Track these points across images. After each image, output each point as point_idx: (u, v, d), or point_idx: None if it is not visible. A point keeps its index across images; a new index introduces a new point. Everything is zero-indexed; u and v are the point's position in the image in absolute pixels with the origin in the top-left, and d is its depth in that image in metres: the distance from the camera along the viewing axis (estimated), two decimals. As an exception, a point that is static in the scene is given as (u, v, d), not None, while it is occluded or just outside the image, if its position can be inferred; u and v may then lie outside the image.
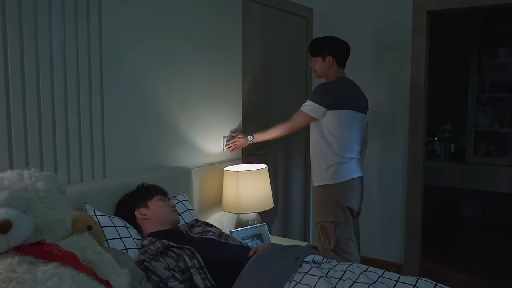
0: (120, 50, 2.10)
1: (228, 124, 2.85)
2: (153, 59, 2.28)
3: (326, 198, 2.62)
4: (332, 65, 2.69)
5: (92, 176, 2.01)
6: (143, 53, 2.22)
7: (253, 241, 2.45)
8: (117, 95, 2.10)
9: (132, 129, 2.19)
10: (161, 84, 2.33)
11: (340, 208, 2.58)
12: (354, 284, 1.45)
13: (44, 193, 1.33)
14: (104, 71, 2.01)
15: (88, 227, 1.57)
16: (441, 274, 3.50)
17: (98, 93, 2.00)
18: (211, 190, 2.71)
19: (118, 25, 2.08)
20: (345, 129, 2.59)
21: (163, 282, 1.56)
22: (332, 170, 2.59)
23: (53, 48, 1.80)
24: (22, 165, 1.73)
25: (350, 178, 2.60)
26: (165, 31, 2.34)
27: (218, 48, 2.72)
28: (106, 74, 2.03)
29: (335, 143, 2.59)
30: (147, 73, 2.25)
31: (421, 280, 1.48)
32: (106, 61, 2.03)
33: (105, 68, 2.02)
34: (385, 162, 3.54)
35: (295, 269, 1.57)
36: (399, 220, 3.51)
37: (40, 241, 1.26)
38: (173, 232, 1.89)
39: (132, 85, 2.18)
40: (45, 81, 1.78)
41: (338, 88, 2.61)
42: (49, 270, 1.15)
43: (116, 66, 2.08)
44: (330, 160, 2.60)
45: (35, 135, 1.77)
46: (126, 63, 2.14)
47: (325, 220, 2.62)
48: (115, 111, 2.09)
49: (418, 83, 3.35)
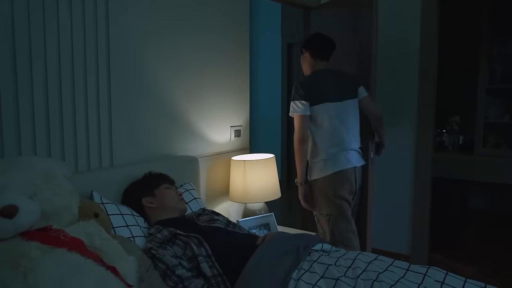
0: (128, 39, 2.08)
1: (236, 114, 2.83)
2: (161, 49, 2.26)
3: (316, 193, 2.62)
4: (307, 59, 2.70)
5: (99, 164, 2.00)
6: (151, 43, 2.20)
7: (261, 231, 2.44)
8: (125, 85, 2.08)
9: (139, 118, 2.17)
10: (169, 73, 2.31)
11: (331, 201, 2.55)
12: (364, 273, 1.43)
13: (51, 179, 1.32)
14: (111, 60, 2.00)
15: (95, 214, 1.56)
16: (449, 266, 3.47)
17: (105, 83, 1.99)
18: (218, 180, 2.70)
19: (125, 15, 2.06)
20: (323, 123, 2.55)
21: (170, 270, 1.54)
22: (319, 165, 2.58)
23: (60, 34, 1.78)
24: (29, 153, 1.72)
25: (338, 170, 2.53)
26: (172, 22, 2.31)
27: (225, 38, 2.70)
28: (113, 64, 2.01)
29: (317, 138, 2.58)
30: (154, 62, 2.23)
31: (432, 269, 1.46)
32: (114, 51, 2.01)
33: (112, 57, 2.00)
34: (393, 154, 3.50)
35: (303, 258, 1.55)
36: (407, 212, 3.49)
37: (46, 226, 1.25)
38: (180, 221, 1.88)
39: (139, 75, 2.16)
40: (52, 70, 1.77)
41: (304, 84, 2.56)
42: (59, 257, 1.14)
43: (124, 56, 2.07)
44: (316, 156, 2.60)
45: (42, 124, 1.76)
46: (134, 52, 2.12)
47: (319, 213, 2.63)
48: (122, 100, 2.07)
49: (428, 73, 3.30)
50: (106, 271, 1.23)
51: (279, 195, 2.64)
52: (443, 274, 1.43)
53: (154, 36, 2.22)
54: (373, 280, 1.36)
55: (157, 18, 2.22)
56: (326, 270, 1.45)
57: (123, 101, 2.08)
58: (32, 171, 1.30)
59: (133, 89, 2.13)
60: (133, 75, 2.13)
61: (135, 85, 2.14)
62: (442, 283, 1.38)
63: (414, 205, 3.44)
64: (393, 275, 1.41)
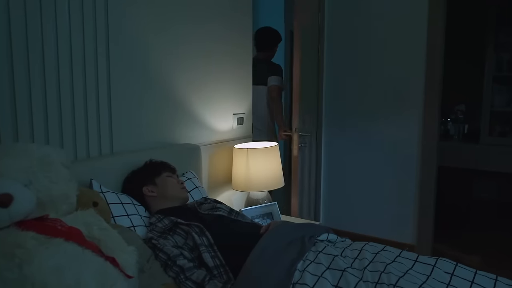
0: (129, 25, 2.02)
1: (238, 101, 2.77)
2: (164, 37, 2.20)
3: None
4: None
5: (99, 152, 1.95)
6: (153, 31, 2.15)
7: (264, 220, 2.40)
8: (125, 71, 2.03)
9: (140, 105, 2.12)
10: (172, 60, 2.26)
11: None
12: (371, 264, 1.39)
13: (48, 167, 1.28)
14: (110, 44, 1.94)
15: (93, 203, 1.53)
16: (454, 256, 3.44)
17: (105, 69, 1.94)
18: (221, 168, 2.66)
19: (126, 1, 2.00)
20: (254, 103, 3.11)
21: (171, 260, 1.50)
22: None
23: (57, 18, 1.72)
24: (27, 140, 1.67)
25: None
26: (174, 8, 2.25)
27: (228, 25, 2.64)
28: (112, 50, 1.95)
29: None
30: (156, 48, 2.17)
31: (441, 260, 1.42)
32: (113, 35, 1.95)
33: (112, 41, 1.95)
34: (398, 143, 3.46)
35: (308, 248, 1.51)
36: (412, 201, 3.44)
37: (43, 216, 1.21)
38: (181, 209, 1.84)
39: (140, 61, 2.10)
40: (50, 54, 1.71)
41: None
42: (56, 247, 1.10)
43: (124, 41, 2.01)
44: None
45: (40, 110, 1.71)
46: (135, 38, 2.06)
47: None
48: (122, 86, 2.02)
49: (434, 60, 3.23)
50: (105, 262, 1.18)
51: (282, 184, 2.60)
52: (452, 266, 1.39)
53: (157, 24, 2.16)
54: (381, 272, 1.32)
55: (160, 5, 2.16)
56: (332, 261, 1.41)
57: (123, 88, 2.03)
58: (28, 158, 1.25)
59: (133, 76, 2.08)
60: (134, 61, 2.07)
61: (136, 71, 2.09)
62: (452, 274, 1.34)
63: (419, 195, 3.39)
64: (401, 266, 1.37)
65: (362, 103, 3.59)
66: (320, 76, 3.72)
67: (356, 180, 3.69)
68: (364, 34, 3.52)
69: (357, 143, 3.65)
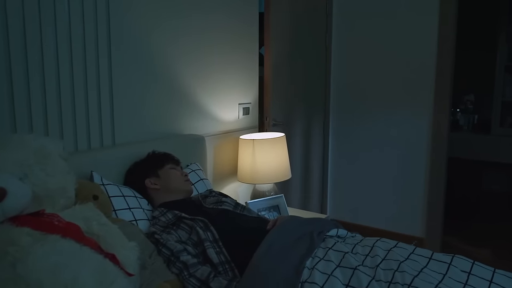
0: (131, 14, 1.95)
1: (244, 91, 2.70)
2: (166, 25, 2.13)
3: None
4: None
5: (100, 143, 1.89)
6: (157, 20, 2.08)
7: (270, 213, 2.33)
8: (127, 58, 1.96)
9: (143, 95, 2.06)
10: (175, 49, 2.19)
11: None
12: (384, 262, 1.32)
13: (44, 159, 1.22)
14: (112, 32, 1.87)
15: (94, 197, 1.47)
16: (464, 249, 3.38)
17: (106, 55, 1.87)
18: (226, 159, 2.59)
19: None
20: None
21: (175, 256, 1.44)
22: None
23: (55, 6, 1.65)
24: (25, 132, 1.61)
25: None
26: None
27: (233, 13, 2.56)
28: (114, 36, 1.88)
29: None
30: (159, 36, 2.10)
31: (457, 257, 1.35)
32: (115, 25, 1.88)
33: (113, 29, 1.88)
34: (407, 134, 3.37)
35: (317, 244, 1.44)
36: (421, 193, 3.36)
37: (39, 211, 1.15)
38: (185, 203, 1.78)
39: (142, 48, 2.04)
40: (49, 42, 1.65)
41: None
42: (52, 244, 1.04)
43: (126, 28, 1.94)
44: None
45: (39, 99, 1.64)
46: (136, 24, 1.99)
47: None
48: (124, 75, 1.96)
49: (445, 50, 3.14)
50: (104, 259, 1.12)
51: (289, 175, 2.53)
52: (469, 264, 1.32)
53: (160, 13, 2.09)
54: (394, 270, 1.25)
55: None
56: (342, 259, 1.34)
57: (125, 77, 1.96)
58: (24, 150, 1.19)
59: (135, 64, 2.01)
60: (136, 49, 2.00)
61: (138, 60, 2.02)
62: (469, 273, 1.27)
63: (429, 187, 3.32)
64: (416, 264, 1.30)
65: (370, 93, 3.50)
66: (328, 64, 3.63)
67: (364, 171, 3.62)
68: (374, 24, 3.43)
69: (365, 134, 3.57)
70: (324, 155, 3.74)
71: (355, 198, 3.70)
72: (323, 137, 3.70)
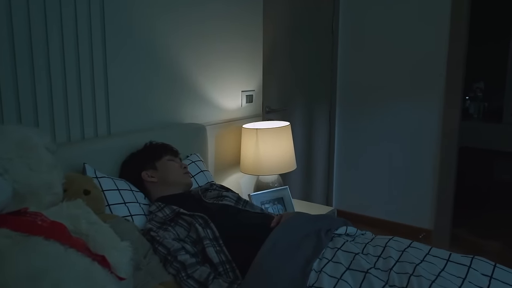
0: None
1: (248, 78, 2.58)
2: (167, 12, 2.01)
3: None
4: None
5: (94, 133, 1.79)
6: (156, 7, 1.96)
7: (274, 206, 2.23)
8: (122, 43, 1.85)
9: (140, 81, 1.95)
10: (174, 32, 2.07)
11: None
12: (398, 264, 1.21)
13: (27, 152, 1.12)
14: (106, 14, 1.76)
15: (84, 192, 1.37)
16: (474, 242, 3.28)
17: (100, 42, 1.76)
18: (228, 150, 2.49)
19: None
20: None
21: (172, 255, 1.34)
22: None
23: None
24: (12, 121, 1.51)
25: None
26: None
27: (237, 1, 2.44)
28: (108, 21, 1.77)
29: None
30: (156, 20, 1.98)
31: (477, 259, 1.25)
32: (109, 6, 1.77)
33: (107, 12, 1.76)
34: (416, 123, 3.25)
35: (325, 244, 1.34)
36: (430, 184, 3.25)
37: (20, 209, 1.05)
38: (184, 197, 1.68)
39: (139, 33, 1.92)
40: (38, 25, 1.53)
41: None
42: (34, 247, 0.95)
43: (121, 13, 1.82)
44: None
45: (27, 86, 1.54)
46: (133, 7, 1.87)
47: None
48: (120, 61, 1.84)
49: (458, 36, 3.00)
50: (92, 263, 1.02)
51: (294, 166, 2.42)
52: (490, 266, 1.22)
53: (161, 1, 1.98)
54: (410, 274, 1.15)
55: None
56: (352, 260, 1.24)
57: (121, 63, 1.85)
58: (5, 142, 1.09)
59: (133, 51, 1.90)
60: (134, 35, 1.89)
61: (136, 46, 1.91)
62: (491, 277, 1.17)
63: (438, 179, 3.20)
64: (432, 268, 1.19)
65: (379, 82, 3.38)
66: (334, 52, 3.50)
67: (371, 161, 3.51)
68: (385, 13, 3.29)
69: (373, 124, 3.46)
70: (330, 145, 3.63)
71: (361, 189, 3.60)
72: (328, 127, 3.58)
